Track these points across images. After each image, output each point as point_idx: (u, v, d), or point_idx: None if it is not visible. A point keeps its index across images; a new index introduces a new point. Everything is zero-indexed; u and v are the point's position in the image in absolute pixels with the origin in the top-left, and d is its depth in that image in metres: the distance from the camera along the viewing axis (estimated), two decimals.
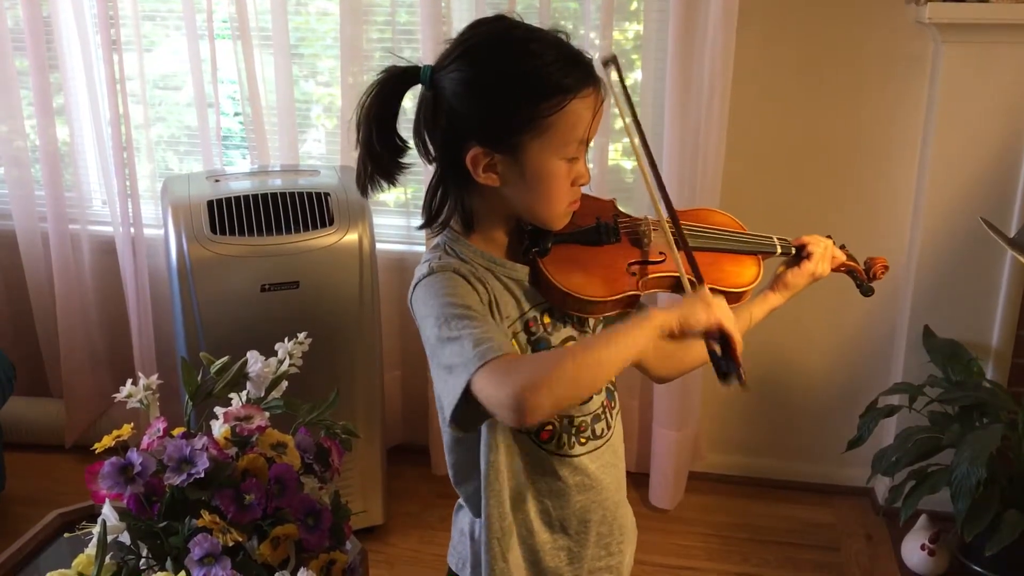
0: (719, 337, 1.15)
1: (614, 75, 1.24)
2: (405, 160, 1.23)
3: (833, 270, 1.45)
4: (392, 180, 1.23)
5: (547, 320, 1.26)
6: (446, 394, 1.13)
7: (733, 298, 1.32)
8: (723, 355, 1.15)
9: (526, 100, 1.14)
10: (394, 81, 1.21)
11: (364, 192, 1.24)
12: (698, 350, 1.39)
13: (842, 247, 1.48)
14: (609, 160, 2.65)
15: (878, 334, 2.70)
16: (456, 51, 1.18)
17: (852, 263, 1.48)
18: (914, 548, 2.45)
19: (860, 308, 2.68)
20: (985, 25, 2.31)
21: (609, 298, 1.23)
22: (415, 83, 1.20)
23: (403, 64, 1.21)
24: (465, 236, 1.25)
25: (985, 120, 2.40)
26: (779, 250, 1.41)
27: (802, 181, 2.61)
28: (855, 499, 2.79)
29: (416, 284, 1.21)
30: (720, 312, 1.15)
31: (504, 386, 1.04)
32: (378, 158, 1.21)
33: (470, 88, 1.16)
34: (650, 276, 1.27)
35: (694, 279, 1.24)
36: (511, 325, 1.23)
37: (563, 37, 1.18)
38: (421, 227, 1.28)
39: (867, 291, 1.50)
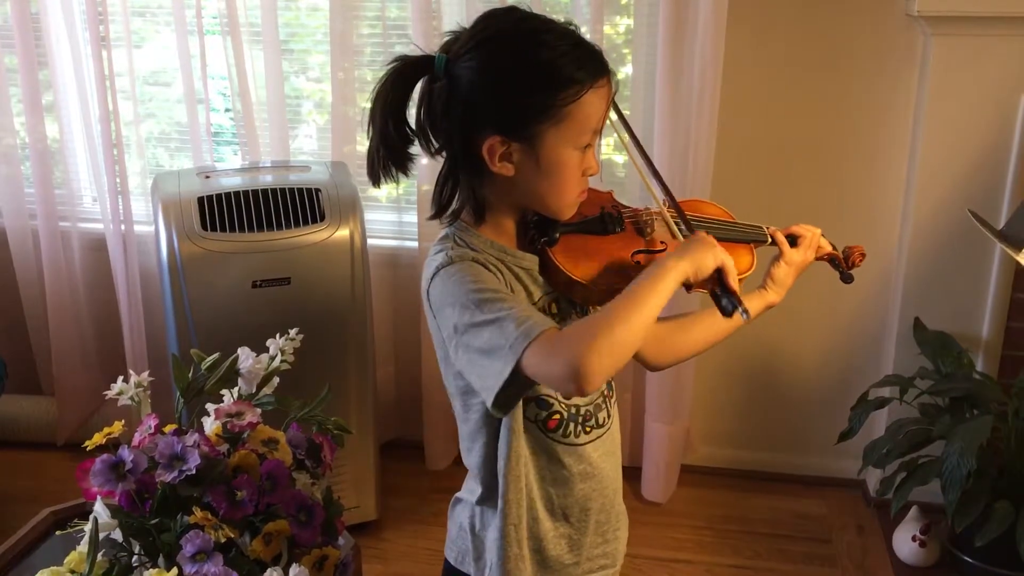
0: (717, 277, 1.18)
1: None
2: (413, 150, 1.23)
3: (817, 258, 1.48)
4: (406, 170, 1.23)
5: (555, 310, 1.27)
6: (485, 377, 1.13)
7: None
8: (723, 291, 1.19)
9: (545, 90, 1.15)
10: (408, 70, 1.20)
11: (376, 181, 1.24)
12: (694, 337, 1.42)
13: (819, 234, 1.50)
14: (602, 155, 2.65)
15: (869, 327, 2.71)
16: (472, 41, 1.18)
17: (834, 252, 1.51)
18: (905, 539, 2.46)
19: (851, 301, 2.69)
20: (975, 18, 2.32)
21: (616, 286, 1.25)
22: (428, 72, 1.20)
23: (416, 53, 1.21)
24: (475, 227, 1.25)
25: (974, 113, 2.41)
26: (770, 239, 1.42)
27: (792, 175, 2.62)
28: (846, 491, 2.80)
29: (435, 274, 1.20)
30: (722, 252, 1.19)
31: (560, 358, 1.06)
32: (394, 147, 1.21)
33: (489, 78, 1.16)
34: None
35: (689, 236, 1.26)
36: None
37: (573, 28, 1.19)
38: (431, 218, 1.28)
39: (848, 279, 1.53)
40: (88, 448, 1.32)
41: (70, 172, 2.91)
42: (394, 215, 2.88)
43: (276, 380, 1.50)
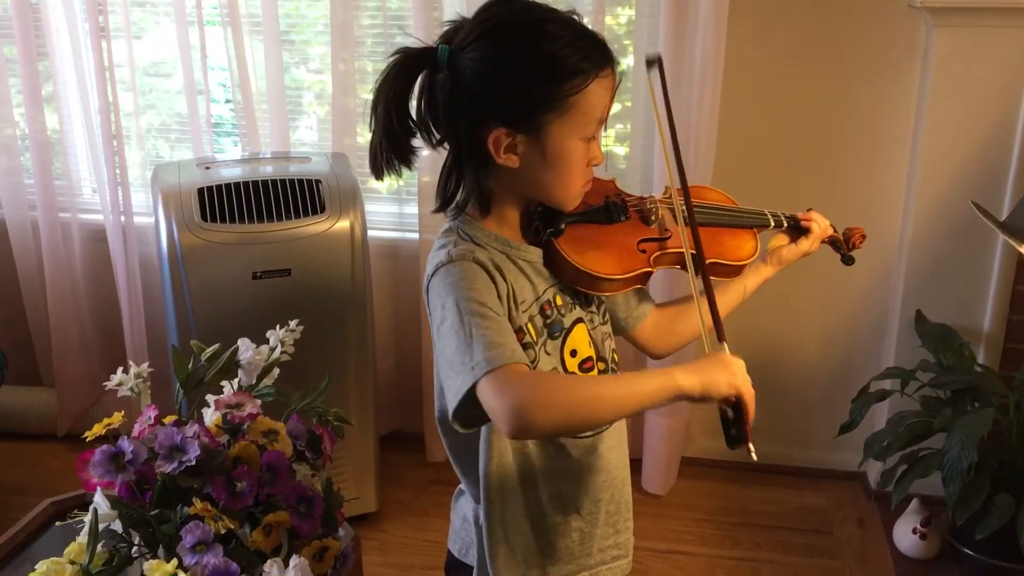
0: (734, 402, 1.12)
1: (655, 74, 1.27)
2: (414, 143, 1.23)
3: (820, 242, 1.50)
4: (409, 163, 1.23)
5: (559, 302, 1.27)
6: (448, 388, 1.13)
7: (733, 271, 1.35)
8: (735, 419, 1.11)
9: (549, 81, 1.14)
10: (410, 62, 1.19)
11: (379, 175, 1.23)
12: (694, 322, 1.39)
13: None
14: (603, 147, 2.64)
15: (870, 319, 2.70)
16: (475, 32, 1.17)
17: (835, 234, 1.53)
18: (906, 532, 2.46)
19: (852, 293, 2.68)
20: (977, 9, 2.31)
21: (623, 275, 1.25)
22: (430, 64, 1.19)
23: (417, 45, 1.20)
24: (479, 219, 1.24)
25: (977, 104, 2.40)
26: (772, 223, 1.44)
27: (794, 167, 2.61)
28: (847, 483, 2.80)
29: (434, 272, 1.20)
30: (741, 379, 1.11)
31: (507, 397, 1.04)
32: (397, 141, 1.20)
33: (493, 69, 1.15)
34: (660, 253, 1.30)
35: (702, 267, 1.25)
36: (527, 310, 1.23)
37: (576, 17, 1.19)
38: (436, 211, 1.27)
39: (848, 260, 1.55)
40: (88, 439, 1.32)
41: (70, 163, 2.90)
42: (395, 206, 2.88)
43: (276, 371, 1.50)
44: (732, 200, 1.44)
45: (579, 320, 1.28)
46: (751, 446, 1.11)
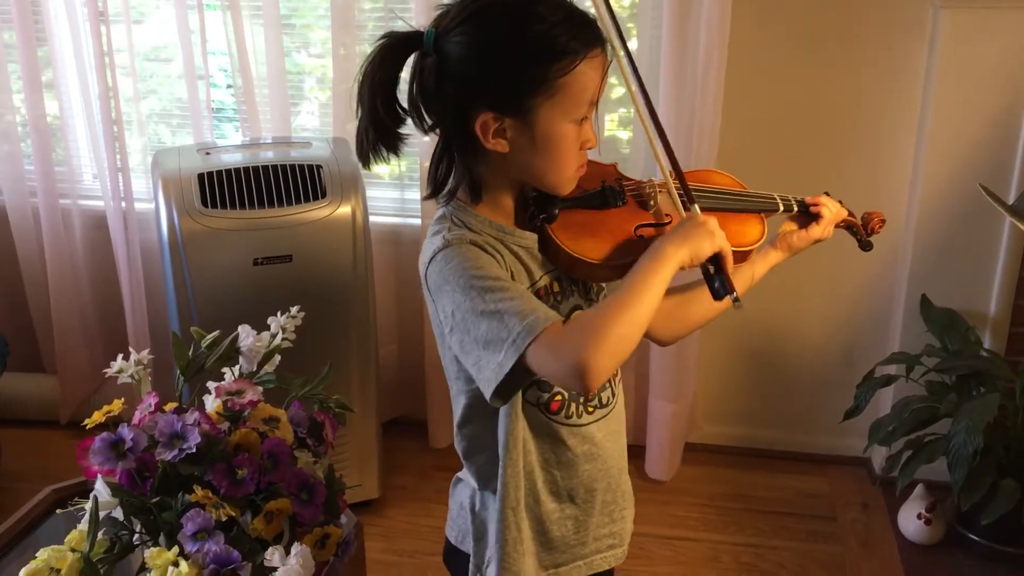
0: (713, 257, 1.17)
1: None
2: (404, 130, 1.21)
3: (835, 226, 1.45)
4: (396, 150, 1.21)
5: (556, 288, 1.25)
6: (483, 368, 1.12)
7: (739, 257, 1.32)
8: (716, 272, 1.18)
9: (537, 63, 1.12)
10: (397, 47, 1.18)
11: (366, 162, 1.22)
12: (700, 309, 1.40)
13: (839, 203, 1.48)
14: (606, 131, 2.63)
15: (875, 303, 2.69)
16: (461, 14, 1.15)
17: (852, 219, 1.49)
18: (910, 517, 2.45)
19: (857, 277, 2.67)
20: None
21: (618, 262, 1.23)
22: (417, 49, 1.17)
23: (404, 29, 1.18)
24: (472, 205, 1.23)
25: (984, 86, 2.38)
26: (781, 208, 1.41)
27: (799, 150, 2.59)
28: (851, 469, 2.79)
29: (432, 258, 1.19)
30: (719, 235, 1.17)
31: (566, 356, 1.05)
32: (383, 127, 1.18)
33: (479, 52, 1.14)
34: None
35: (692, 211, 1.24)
36: None
37: None
38: (427, 197, 1.26)
39: (866, 246, 1.51)
40: (88, 426, 1.31)
41: (70, 149, 2.89)
42: (396, 192, 2.86)
43: (277, 358, 1.49)
44: (740, 184, 1.40)
45: (577, 307, 1.26)
46: (736, 294, 1.17)
